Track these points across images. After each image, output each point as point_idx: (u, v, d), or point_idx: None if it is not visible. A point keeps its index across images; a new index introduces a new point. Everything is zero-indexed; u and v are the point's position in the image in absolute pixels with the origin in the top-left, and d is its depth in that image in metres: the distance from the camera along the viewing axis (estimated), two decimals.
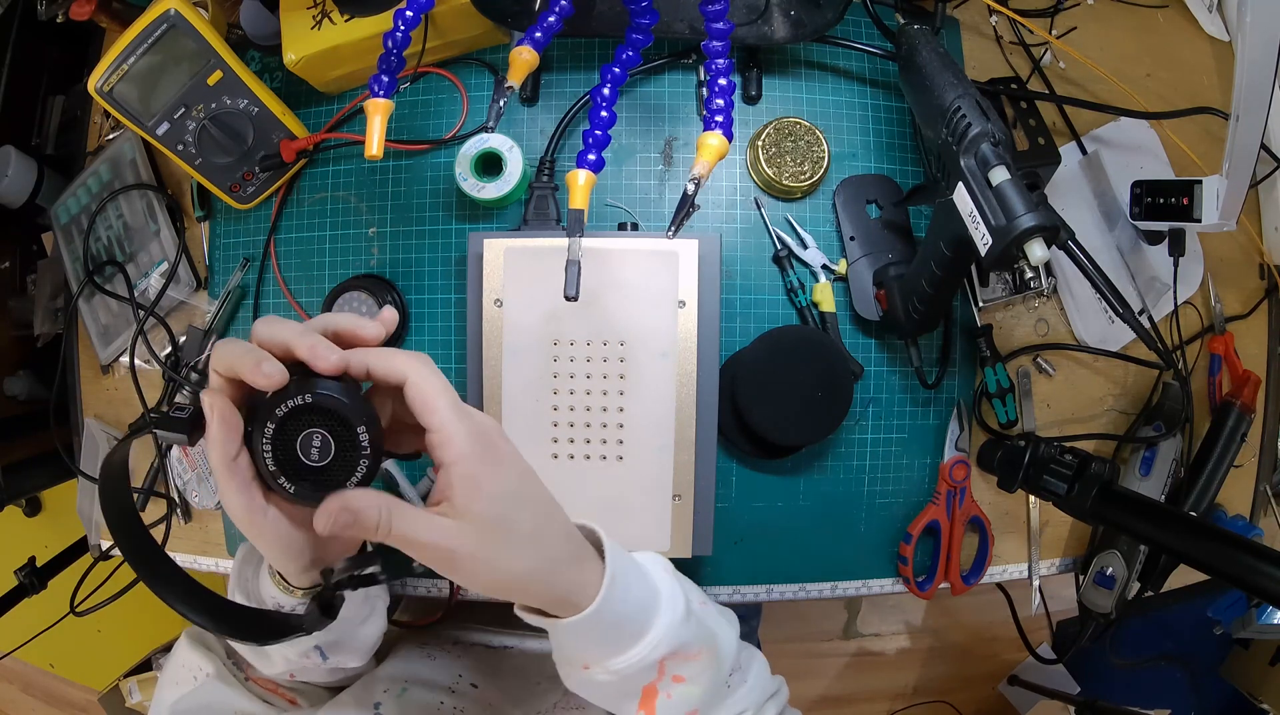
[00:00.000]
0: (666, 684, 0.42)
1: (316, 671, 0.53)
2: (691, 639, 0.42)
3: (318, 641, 0.49)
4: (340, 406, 0.33)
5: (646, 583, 0.42)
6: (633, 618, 0.40)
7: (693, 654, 0.42)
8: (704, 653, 0.43)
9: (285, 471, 0.34)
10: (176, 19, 0.56)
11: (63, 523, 1.55)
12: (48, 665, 1.71)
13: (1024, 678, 1.54)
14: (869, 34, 0.65)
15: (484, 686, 0.59)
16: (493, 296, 0.58)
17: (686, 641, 0.41)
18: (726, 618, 0.48)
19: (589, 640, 0.40)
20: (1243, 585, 0.46)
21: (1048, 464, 0.59)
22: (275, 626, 0.39)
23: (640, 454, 0.58)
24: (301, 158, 0.64)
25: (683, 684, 0.42)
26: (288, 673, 0.53)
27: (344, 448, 0.34)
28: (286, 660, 0.50)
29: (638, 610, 0.40)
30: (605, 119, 0.49)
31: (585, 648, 0.40)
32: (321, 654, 0.50)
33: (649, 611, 0.41)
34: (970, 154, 0.46)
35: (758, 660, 0.50)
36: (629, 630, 0.40)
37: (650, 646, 0.40)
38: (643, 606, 0.41)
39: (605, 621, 0.38)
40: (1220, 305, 0.69)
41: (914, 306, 0.56)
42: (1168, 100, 0.68)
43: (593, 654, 0.40)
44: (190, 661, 0.54)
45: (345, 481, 0.34)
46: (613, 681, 0.41)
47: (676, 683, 0.42)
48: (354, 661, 0.53)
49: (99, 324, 0.71)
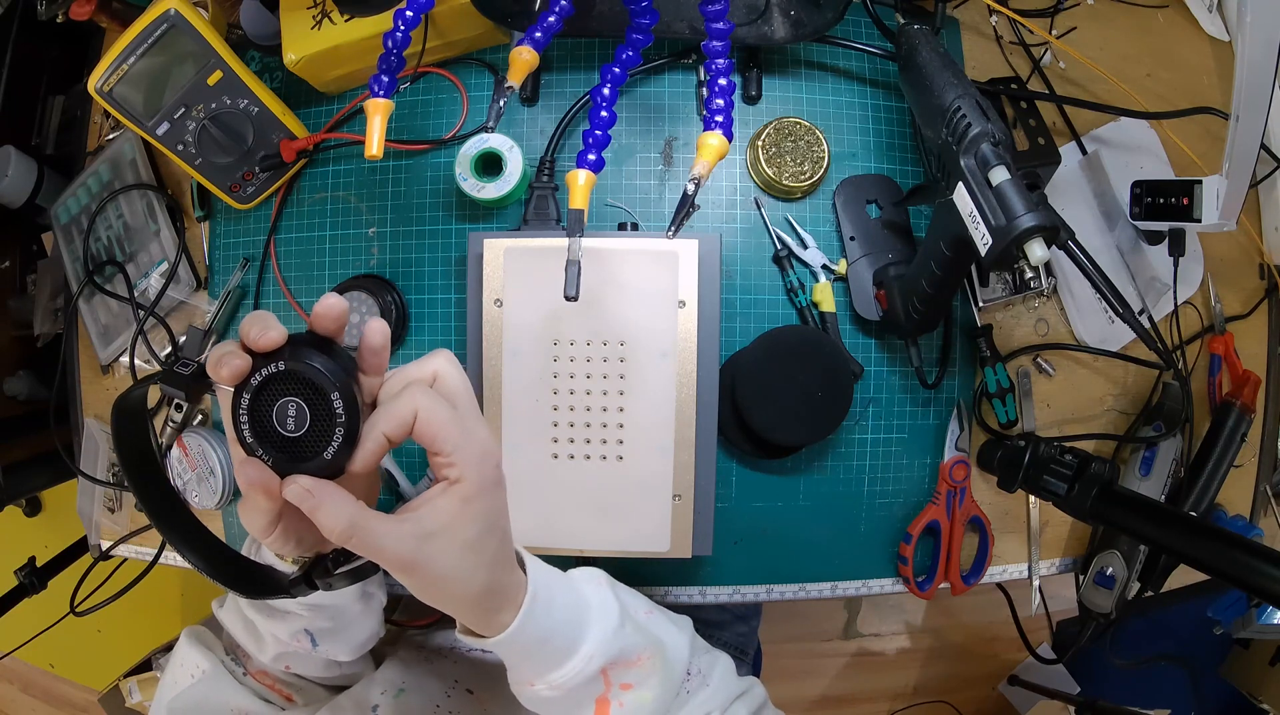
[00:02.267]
0: (616, 693, 0.42)
1: (310, 662, 0.54)
2: (631, 646, 0.42)
3: (308, 625, 0.50)
4: (314, 373, 0.32)
5: (574, 596, 0.43)
6: (562, 632, 0.41)
7: (634, 660, 0.43)
8: (648, 658, 0.43)
9: (262, 441, 0.33)
10: (176, 19, 0.56)
11: (63, 523, 1.56)
12: (48, 665, 1.71)
13: (1024, 678, 1.54)
14: (869, 34, 0.65)
15: (479, 692, 0.59)
16: (493, 296, 0.58)
17: (625, 650, 0.42)
18: (677, 624, 0.49)
19: (523, 656, 0.41)
20: (1243, 585, 0.46)
21: (1048, 464, 0.59)
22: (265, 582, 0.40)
23: (640, 454, 0.57)
24: (301, 158, 0.64)
25: (632, 690, 0.43)
26: (281, 661, 0.53)
27: (319, 417, 0.33)
28: (277, 641, 0.51)
29: (566, 624, 0.41)
30: (605, 119, 0.49)
31: (523, 664, 0.41)
32: (312, 640, 0.51)
33: (579, 625, 0.41)
34: (970, 154, 0.46)
35: (721, 663, 0.50)
36: (560, 644, 0.41)
37: (585, 659, 0.41)
38: (571, 620, 0.41)
39: (532, 638, 0.39)
40: (1220, 305, 0.69)
41: (914, 306, 0.56)
42: (1168, 100, 0.68)
43: (533, 670, 0.41)
44: (189, 659, 0.54)
45: (322, 451, 0.33)
46: (559, 696, 0.41)
47: (625, 690, 0.42)
48: (344, 655, 0.54)
49: (99, 324, 0.71)
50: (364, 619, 0.54)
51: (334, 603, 0.50)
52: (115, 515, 0.73)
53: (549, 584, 0.41)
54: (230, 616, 0.54)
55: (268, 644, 0.52)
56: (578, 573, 0.46)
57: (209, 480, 0.66)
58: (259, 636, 0.52)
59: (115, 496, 0.73)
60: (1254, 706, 1.43)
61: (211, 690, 0.52)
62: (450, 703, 0.56)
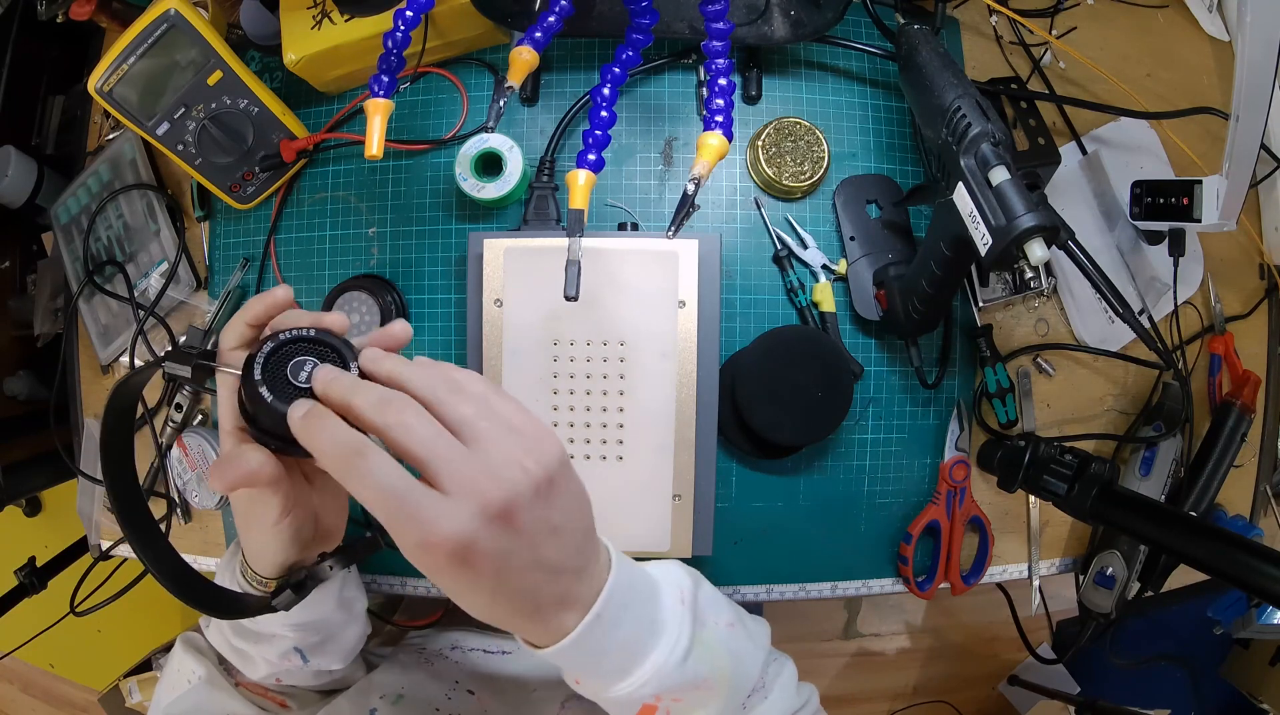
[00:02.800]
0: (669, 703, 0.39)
1: (301, 675, 0.53)
2: (693, 677, 0.39)
3: (297, 643, 0.49)
4: (339, 344, 0.35)
5: (645, 618, 0.38)
6: (621, 652, 0.37)
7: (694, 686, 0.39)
8: (709, 687, 0.40)
9: (271, 386, 0.34)
10: (176, 19, 0.56)
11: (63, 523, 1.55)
12: (48, 665, 1.71)
13: (1024, 678, 1.54)
14: (869, 34, 0.65)
15: (480, 693, 0.59)
16: (493, 296, 0.58)
17: (686, 681, 0.38)
18: (755, 639, 0.45)
19: (571, 664, 0.38)
20: (1243, 585, 0.46)
21: (1048, 464, 0.59)
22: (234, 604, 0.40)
23: (640, 454, 0.58)
24: (301, 158, 0.64)
25: (681, 705, 0.40)
26: (273, 676, 0.53)
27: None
28: (268, 663, 0.50)
29: (628, 645, 0.37)
30: (605, 119, 0.49)
31: (571, 667, 0.38)
32: (302, 656, 0.50)
33: (641, 649, 0.37)
34: (970, 154, 0.46)
35: (785, 673, 0.46)
36: (615, 664, 0.37)
37: (638, 684, 0.37)
38: (635, 641, 0.37)
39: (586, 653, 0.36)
40: (1220, 305, 0.69)
41: (914, 306, 0.56)
42: (1168, 100, 0.68)
43: (582, 674, 0.39)
44: (184, 666, 0.54)
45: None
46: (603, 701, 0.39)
47: (676, 704, 0.39)
48: (336, 664, 0.53)
49: (99, 324, 0.71)
50: (349, 626, 0.53)
51: (316, 617, 0.48)
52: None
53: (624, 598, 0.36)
54: (218, 640, 0.53)
55: (259, 665, 0.51)
56: (668, 580, 0.41)
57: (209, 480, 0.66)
58: (250, 660, 0.51)
59: None
60: (1254, 706, 1.43)
61: (207, 696, 0.52)
62: (450, 705, 0.56)
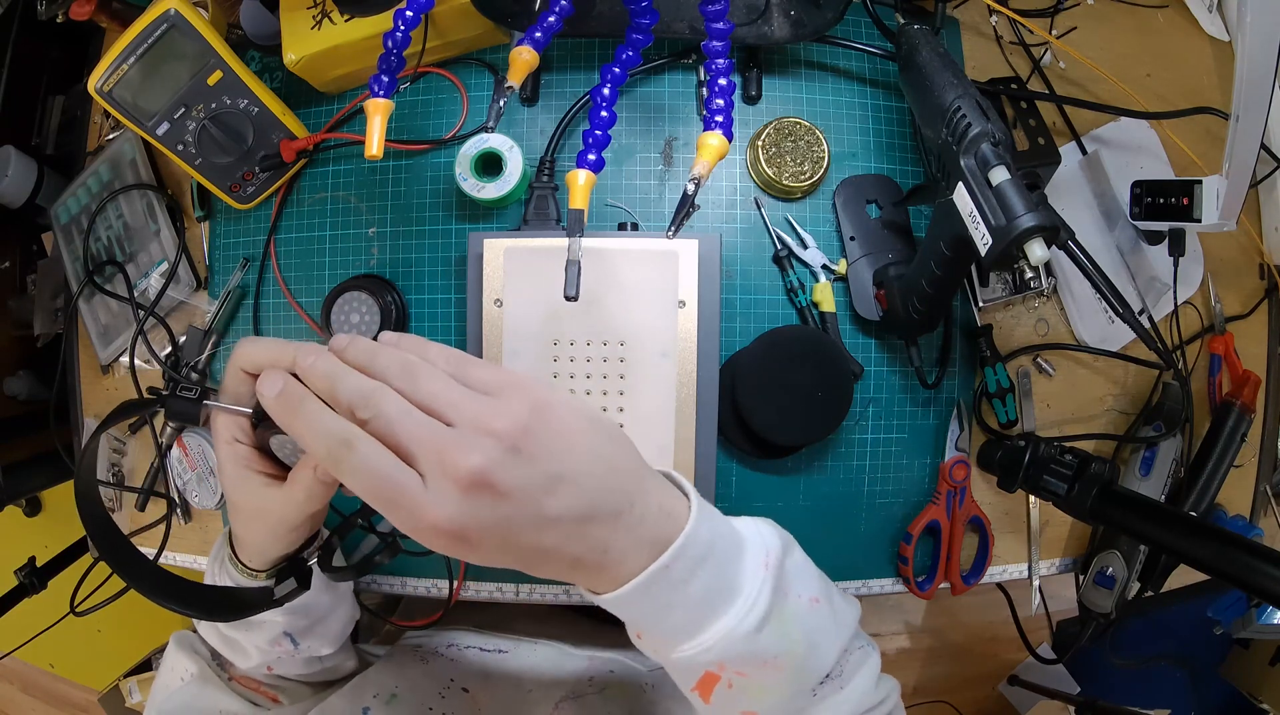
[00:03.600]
0: (732, 675, 0.36)
1: (292, 662, 0.54)
2: (764, 650, 0.35)
3: (286, 628, 0.50)
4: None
5: (722, 576, 0.35)
6: (688, 608, 0.34)
7: (763, 663, 0.36)
8: (779, 665, 0.36)
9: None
10: (176, 19, 0.56)
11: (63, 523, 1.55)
12: (48, 665, 1.71)
13: (1024, 678, 1.54)
14: (869, 34, 0.65)
15: (475, 691, 0.59)
16: (493, 296, 0.58)
17: (755, 652, 0.35)
18: (839, 620, 0.40)
19: (634, 613, 0.35)
20: (1243, 585, 0.46)
21: (1048, 464, 0.59)
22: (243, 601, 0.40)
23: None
24: (301, 158, 0.64)
25: (746, 679, 0.37)
26: (264, 665, 0.53)
27: None
28: (259, 650, 0.51)
29: (697, 603, 0.34)
30: (605, 119, 0.49)
31: (634, 618, 0.36)
32: (292, 641, 0.50)
33: (711, 609, 0.34)
34: (970, 154, 0.46)
35: (868, 665, 0.41)
36: (679, 621, 0.34)
37: (701, 648, 0.34)
38: (705, 601, 0.34)
39: (651, 604, 0.33)
40: (1220, 305, 0.69)
41: (914, 306, 0.56)
42: (1168, 100, 0.68)
43: (644, 627, 0.36)
44: (177, 664, 0.54)
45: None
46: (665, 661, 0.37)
47: (741, 677, 0.37)
48: (327, 648, 0.54)
49: (99, 324, 0.71)
50: (337, 608, 0.53)
51: (305, 601, 0.48)
52: (115, 515, 0.73)
53: (699, 552, 0.34)
54: (209, 632, 0.54)
55: (251, 654, 0.52)
56: (755, 536, 0.38)
57: (209, 480, 0.66)
58: (241, 649, 0.52)
59: (115, 496, 0.73)
60: (1254, 706, 1.43)
61: (200, 693, 0.52)
62: (444, 703, 0.56)
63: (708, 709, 0.38)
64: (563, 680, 0.62)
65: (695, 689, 0.38)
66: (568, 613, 0.78)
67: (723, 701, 0.37)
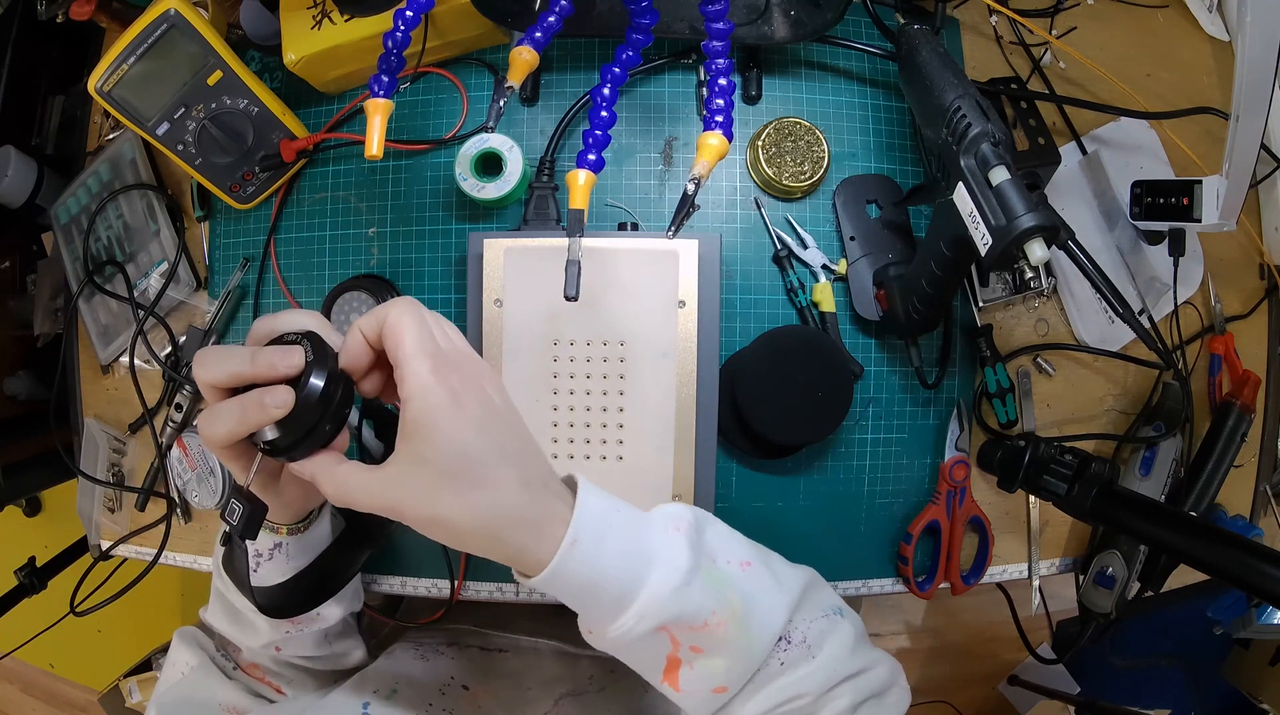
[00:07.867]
0: (687, 655, 0.38)
1: (301, 639, 0.53)
2: (696, 608, 0.37)
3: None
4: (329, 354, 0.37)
5: (634, 544, 0.37)
6: (613, 581, 0.36)
7: (700, 624, 0.37)
8: (719, 623, 0.38)
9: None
10: (176, 19, 0.56)
11: (63, 523, 1.55)
12: (48, 665, 1.71)
13: (1024, 678, 1.54)
14: (869, 34, 0.65)
15: (475, 688, 0.59)
16: (493, 296, 0.58)
17: (688, 611, 0.37)
18: (780, 581, 0.41)
19: (573, 601, 0.37)
20: (1243, 585, 0.46)
21: (1048, 464, 0.59)
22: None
23: (640, 454, 0.57)
24: (301, 158, 0.64)
25: (701, 655, 0.38)
26: (273, 645, 0.53)
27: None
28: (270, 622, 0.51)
29: (618, 573, 0.36)
30: (605, 119, 0.49)
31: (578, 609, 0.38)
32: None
33: (634, 577, 0.36)
34: (970, 154, 0.46)
35: (838, 632, 0.41)
36: (612, 594, 0.36)
37: (637, 616, 0.36)
38: (626, 569, 0.36)
39: (576, 584, 0.36)
40: (1220, 305, 0.69)
41: (914, 306, 0.56)
42: (1168, 100, 0.68)
43: (589, 617, 0.38)
44: (179, 658, 0.54)
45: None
46: (623, 648, 0.38)
47: (695, 654, 0.38)
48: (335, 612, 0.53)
49: (99, 324, 0.71)
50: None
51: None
52: (115, 515, 0.73)
53: (600, 527, 0.36)
54: (216, 615, 0.54)
55: (260, 630, 0.52)
56: (661, 513, 0.40)
57: (209, 480, 0.66)
58: (249, 625, 0.52)
59: (115, 496, 0.73)
60: (1254, 706, 1.42)
61: (199, 685, 0.53)
62: (444, 700, 0.56)
63: (683, 697, 0.40)
64: (563, 679, 0.62)
65: (664, 681, 0.39)
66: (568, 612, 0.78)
67: (691, 685, 0.39)
